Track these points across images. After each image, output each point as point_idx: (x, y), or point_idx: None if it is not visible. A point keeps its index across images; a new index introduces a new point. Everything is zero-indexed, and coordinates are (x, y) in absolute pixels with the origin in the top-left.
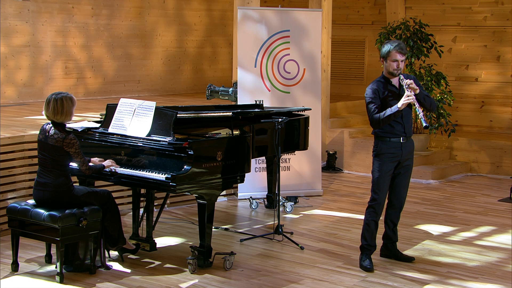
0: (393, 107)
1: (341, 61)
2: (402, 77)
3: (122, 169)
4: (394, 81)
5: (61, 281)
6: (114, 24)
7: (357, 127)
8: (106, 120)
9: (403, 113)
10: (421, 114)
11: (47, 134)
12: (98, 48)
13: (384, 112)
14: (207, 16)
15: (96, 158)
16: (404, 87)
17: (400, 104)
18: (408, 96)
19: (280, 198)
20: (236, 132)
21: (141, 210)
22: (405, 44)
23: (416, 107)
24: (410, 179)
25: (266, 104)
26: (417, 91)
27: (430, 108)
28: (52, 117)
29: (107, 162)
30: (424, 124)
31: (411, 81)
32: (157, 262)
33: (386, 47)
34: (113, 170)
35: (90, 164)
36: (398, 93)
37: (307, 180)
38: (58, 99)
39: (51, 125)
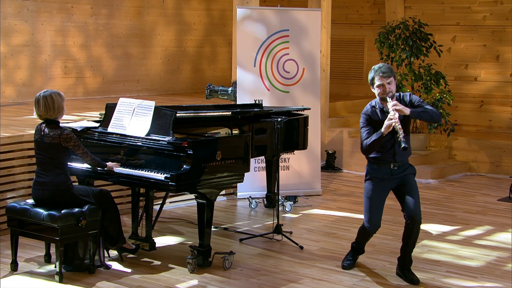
0: (378, 132)
1: (340, 61)
2: (389, 99)
3: (121, 168)
4: (388, 106)
5: (61, 281)
6: (114, 24)
7: (356, 127)
8: (106, 120)
9: (395, 139)
10: (401, 137)
11: (42, 133)
12: (97, 47)
13: (370, 137)
14: (206, 16)
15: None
16: (389, 108)
17: (383, 128)
18: (390, 119)
19: (280, 198)
20: (235, 132)
21: (141, 210)
22: (389, 66)
23: (397, 128)
24: (415, 193)
25: (265, 104)
26: (407, 112)
27: (433, 121)
28: (45, 114)
29: (110, 164)
30: (402, 145)
31: (395, 102)
32: (156, 262)
33: (370, 74)
34: (108, 169)
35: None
36: None
37: (306, 180)
38: (47, 96)
39: (45, 124)
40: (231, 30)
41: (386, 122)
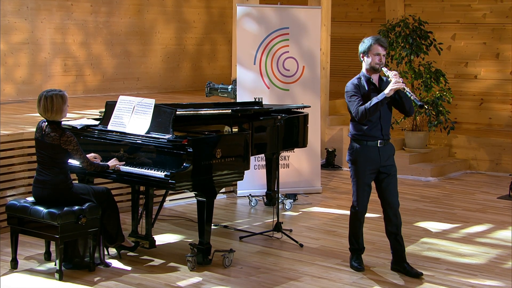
0: (379, 95)
1: (340, 59)
2: (385, 69)
3: (121, 166)
4: (374, 78)
5: (60, 279)
6: (113, 22)
7: None
8: (105, 118)
9: (381, 113)
10: (413, 97)
11: (43, 132)
12: (97, 45)
13: (370, 101)
14: (206, 14)
15: (91, 154)
16: (390, 76)
17: (387, 90)
18: (397, 82)
19: (279, 196)
20: (235, 130)
21: (140, 208)
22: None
23: (407, 91)
24: (396, 184)
25: (265, 102)
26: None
27: (408, 110)
28: (43, 114)
29: (111, 162)
30: (418, 104)
31: (395, 72)
32: (156, 260)
33: (367, 42)
34: (115, 169)
35: (94, 160)
36: (379, 88)
37: (306, 178)
38: (48, 97)
39: (46, 123)
40: (231, 28)
41: (392, 85)
